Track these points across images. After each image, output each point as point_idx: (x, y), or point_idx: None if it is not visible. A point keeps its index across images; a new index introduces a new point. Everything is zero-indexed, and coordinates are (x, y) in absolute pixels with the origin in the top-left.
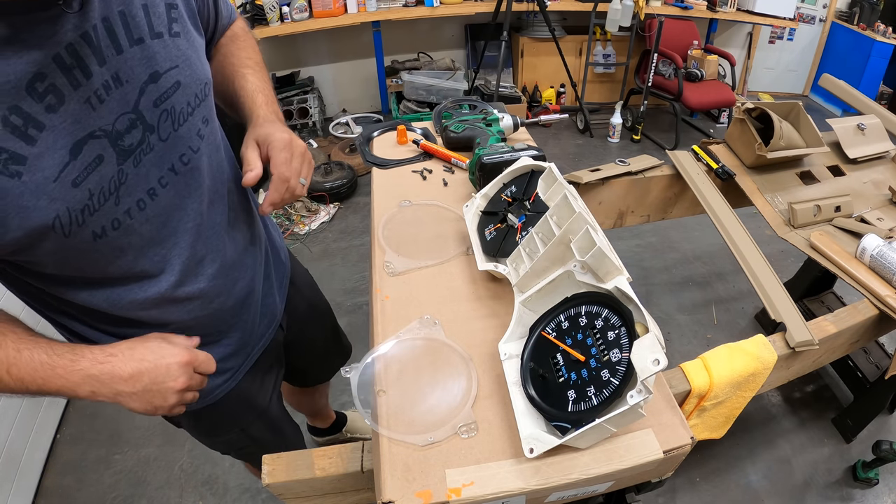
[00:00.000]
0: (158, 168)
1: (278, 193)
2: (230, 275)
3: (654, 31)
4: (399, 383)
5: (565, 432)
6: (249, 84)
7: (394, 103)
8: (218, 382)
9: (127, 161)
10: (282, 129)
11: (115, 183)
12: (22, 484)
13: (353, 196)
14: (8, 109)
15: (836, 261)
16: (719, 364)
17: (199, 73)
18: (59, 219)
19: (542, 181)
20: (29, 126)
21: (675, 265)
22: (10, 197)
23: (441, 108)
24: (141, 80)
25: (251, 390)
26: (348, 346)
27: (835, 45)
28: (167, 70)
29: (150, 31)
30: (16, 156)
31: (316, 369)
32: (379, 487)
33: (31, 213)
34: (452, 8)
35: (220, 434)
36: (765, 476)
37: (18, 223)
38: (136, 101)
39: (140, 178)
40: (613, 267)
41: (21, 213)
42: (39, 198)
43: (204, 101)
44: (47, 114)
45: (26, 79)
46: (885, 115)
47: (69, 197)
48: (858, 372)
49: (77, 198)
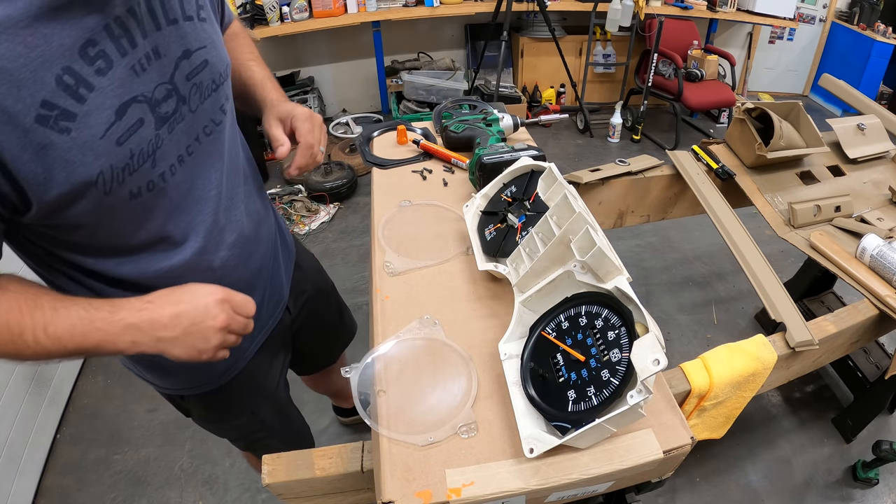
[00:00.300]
0: (187, 136)
1: (304, 158)
2: (246, 247)
3: (654, 31)
4: (399, 383)
5: (565, 432)
6: (256, 74)
7: (394, 103)
8: (228, 364)
9: (163, 127)
10: (298, 104)
11: (153, 146)
12: (22, 484)
13: (353, 196)
14: (62, 69)
15: (836, 261)
16: (719, 364)
17: (223, 56)
18: (103, 174)
19: (542, 181)
20: (80, 86)
21: (675, 265)
22: (58, 151)
23: (441, 108)
24: (176, 56)
25: (260, 373)
26: (353, 325)
27: (835, 45)
28: (197, 49)
29: (183, 14)
30: (66, 112)
31: (323, 353)
32: (379, 487)
33: (76, 167)
34: (452, 8)
35: (229, 418)
36: (765, 476)
37: (64, 177)
38: (172, 73)
39: (172, 145)
40: (613, 267)
41: (67, 168)
42: (86, 153)
43: (226, 82)
44: (97, 76)
45: (79, 43)
46: (885, 115)
47: (113, 154)
48: (858, 372)
49: (120, 156)
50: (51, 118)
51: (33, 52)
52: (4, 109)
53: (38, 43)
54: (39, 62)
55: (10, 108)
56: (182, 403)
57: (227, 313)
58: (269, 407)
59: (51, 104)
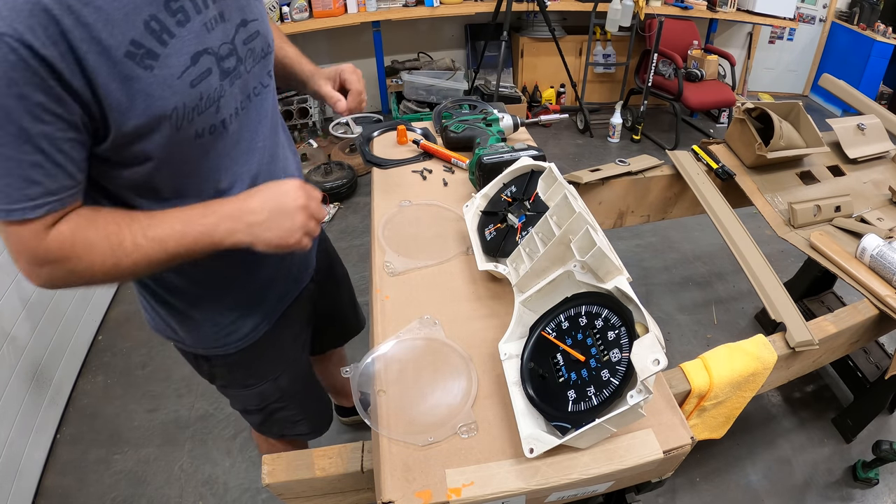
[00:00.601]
0: (242, 92)
1: (355, 101)
2: None
3: (654, 31)
4: (399, 383)
5: (565, 432)
6: (291, 53)
7: (394, 103)
8: (257, 321)
9: (225, 80)
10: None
11: (217, 94)
12: (22, 484)
13: (353, 196)
14: (149, 16)
15: (836, 261)
16: (719, 364)
17: (269, 31)
18: (176, 110)
19: (542, 181)
20: (163, 32)
21: (675, 265)
22: (141, 84)
23: (441, 108)
24: (236, 22)
25: (285, 337)
26: (363, 318)
27: (835, 45)
28: (252, 20)
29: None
30: (151, 52)
31: (332, 333)
32: (379, 487)
33: (155, 101)
34: (452, 8)
35: (254, 384)
36: (765, 476)
37: (143, 108)
38: (233, 36)
39: (232, 97)
40: (613, 267)
41: (147, 100)
42: (164, 90)
43: (270, 53)
44: (177, 27)
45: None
46: (885, 115)
47: (186, 94)
48: (858, 372)
49: (191, 96)
50: (137, 55)
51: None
52: (100, 41)
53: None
54: (131, 7)
55: (104, 41)
56: (208, 367)
57: (306, 194)
58: (291, 375)
59: (138, 43)
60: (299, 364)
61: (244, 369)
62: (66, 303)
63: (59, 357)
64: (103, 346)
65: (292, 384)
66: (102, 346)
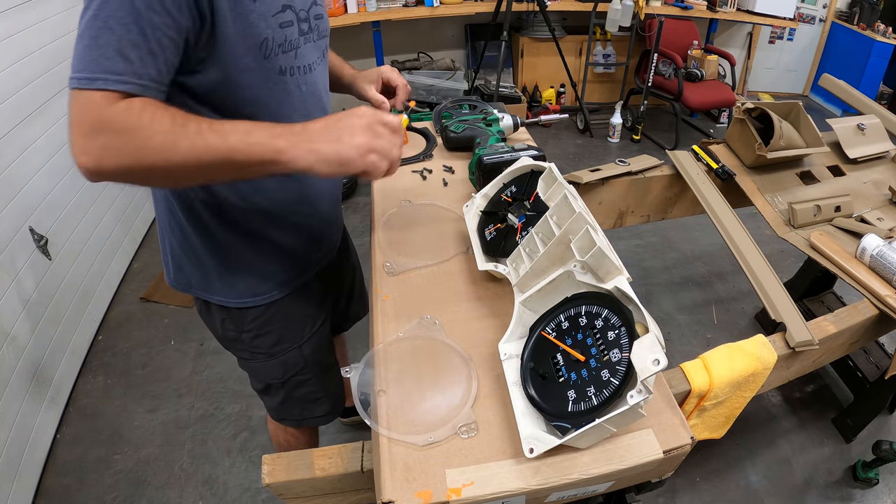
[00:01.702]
0: (312, 54)
1: (404, 94)
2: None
3: (654, 31)
4: (399, 383)
5: (565, 432)
6: (334, 58)
7: None
8: (291, 275)
9: (301, 36)
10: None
11: (296, 43)
12: (22, 484)
13: (353, 196)
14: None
15: (836, 261)
16: (719, 364)
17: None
18: (267, 41)
19: (542, 181)
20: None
21: (675, 265)
22: (245, 10)
23: (441, 108)
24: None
25: (312, 302)
26: (367, 304)
27: (835, 45)
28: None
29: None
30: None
31: (339, 313)
32: (379, 487)
33: (252, 27)
34: (452, 8)
35: (279, 351)
36: (765, 476)
37: (242, 28)
38: (310, 7)
39: (306, 52)
40: (613, 267)
41: (246, 25)
42: (260, 21)
43: (327, 37)
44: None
45: None
46: (885, 115)
47: (276, 30)
48: (858, 372)
49: (280, 34)
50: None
51: None
52: None
53: None
54: None
55: None
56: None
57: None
58: (314, 343)
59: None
60: (322, 334)
61: (273, 326)
62: (66, 303)
63: (59, 357)
64: (103, 346)
65: (315, 353)
66: (102, 346)
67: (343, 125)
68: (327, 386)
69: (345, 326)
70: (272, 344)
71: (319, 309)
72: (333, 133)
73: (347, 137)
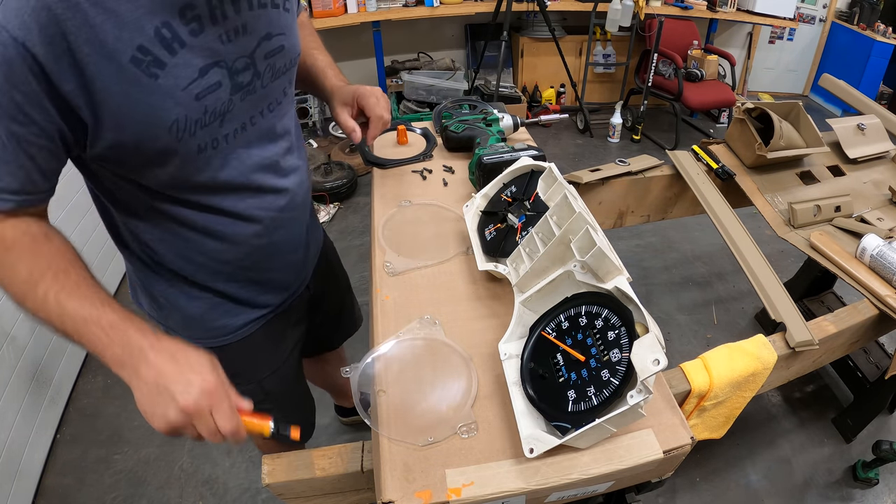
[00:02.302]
0: (254, 108)
1: (376, 128)
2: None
3: (654, 31)
4: (399, 383)
5: (565, 432)
6: (320, 62)
7: (394, 103)
8: (244, 321)
9: (237, 94)
10: (359, 85)
11: (224, 108)
12: (22, 484)
13: (353, 196)
14: (161, 23)
15: (836, 261)
16: (719, 364)
17: (296, 45)
18: (178, 122)
19: (542, 181)
20: (174, 41)
21: (675, 265)
22: (144, 92)
23: (441, 108)
24: (260, 35)
25: (270, 342)
26: (360, 317)
27: (835, 45)
28: (277, 34)
29: (272, 2)
30: (158, 60)
31: (327, 333)
32: (379, 487)
33: (156, 110)
34: (452, 8)
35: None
36: (765, 476)
37: (143, 115)
38: (254, 50)
39: (241, 112)
40: (613, 267)
41: (148, 108)
42: (167, 99)
43: (293, 68)
44: (189, 36)
45: (180, 5)
46: (885, 115)
47: (190, 106)
48: (858, 372)
49: (195, 109)
50: (144, 62)
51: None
52: (105, 44)
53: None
54: (143, 11)
55: (110, 44)
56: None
57: (201, 403)
58: (278, 378)
59: (146, 50)
60: (288, 368)
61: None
62: None
63: (59, 357)
64: None
65: (278, 388)
66: None
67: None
68: (293, 416)
69: (334, 344)
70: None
71: (284, 346)
72: (152, 393)
73: (160, 408)
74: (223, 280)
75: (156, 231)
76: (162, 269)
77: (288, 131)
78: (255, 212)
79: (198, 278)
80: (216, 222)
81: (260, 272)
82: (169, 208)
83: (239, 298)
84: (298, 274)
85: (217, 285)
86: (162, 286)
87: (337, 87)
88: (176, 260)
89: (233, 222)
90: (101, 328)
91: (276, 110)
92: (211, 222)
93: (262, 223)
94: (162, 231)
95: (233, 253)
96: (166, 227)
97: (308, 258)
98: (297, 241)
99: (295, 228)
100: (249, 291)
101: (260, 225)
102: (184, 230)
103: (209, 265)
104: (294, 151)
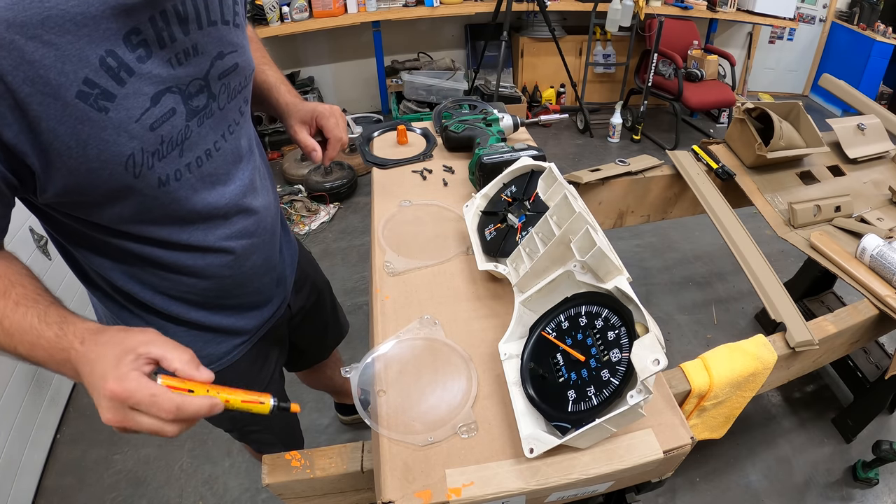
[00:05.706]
0: (214, 132)
1: (335, 150)
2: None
3: (654, 31)
4: (399, 383)
5: (565, 432)
6: (270, 77)
7: (394, 103)
8: (227, 349)
9: (193, 119)
10: (316, 103)
11: (181, 136)
12: (22, 484)
13: (353, 196)
14: (105, 52)
15: (836, 261)
16: (719, 364)
17: (250, 61)
18: (133, 157)
19: (542, 181)
20: (121, 70)
21: (675, 265)
22: (95, 128)
23: (441, 108)
24: (212, 55)
25: (255, 366)
26: (346, 323)
27: (835, 45)
28: (230, 52)
29: (221, 18)
30: (106, 93)
31: (315, 349)
32: (379, 487)
33: (109, 146)
34: (452, 8)
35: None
36: (765, 476)
37: (97, 153)
38: (207, 71)
39: (200, 138)
40: (613, 267)
41: (100, 145)
42: (120, 134)
43: (248, 86)
44: (137, 63)
45: (125, 30)
46: (885, 115)
47: (145, 138)
48: (858, 372)
49: (151, 141)
50: (91, 96)
51: (81, 30)
52: (48, 81)
53: (86, 23)
54: (86, 41)
55: (53, 80)
56: None
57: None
58: None
59: (92, 83)
60: (274, 386)
61: None
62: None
63: None
64: None
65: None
66: None
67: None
68: (279, 434)
69: (324, 355)
70: None
71: (267, 368)
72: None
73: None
74: (197, 310)
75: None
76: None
77: (251, 150)
78: (225, 242)
79: (172, 311)
80: (185, 258)
81: (237, 297)
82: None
83: (218, 327)
84: (277, 292)
85: (191, 316)
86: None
87: (292, 104)
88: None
89: (202, 255)
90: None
91: (236, 132)
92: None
93: (234, 253)
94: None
95: (205, 284)
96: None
97: (286, 275)
98: (271, 262)
99: (268, 250)
100: (228, 318)
101: (231, 256)
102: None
103: (183, 297)
104: (258, 170)
